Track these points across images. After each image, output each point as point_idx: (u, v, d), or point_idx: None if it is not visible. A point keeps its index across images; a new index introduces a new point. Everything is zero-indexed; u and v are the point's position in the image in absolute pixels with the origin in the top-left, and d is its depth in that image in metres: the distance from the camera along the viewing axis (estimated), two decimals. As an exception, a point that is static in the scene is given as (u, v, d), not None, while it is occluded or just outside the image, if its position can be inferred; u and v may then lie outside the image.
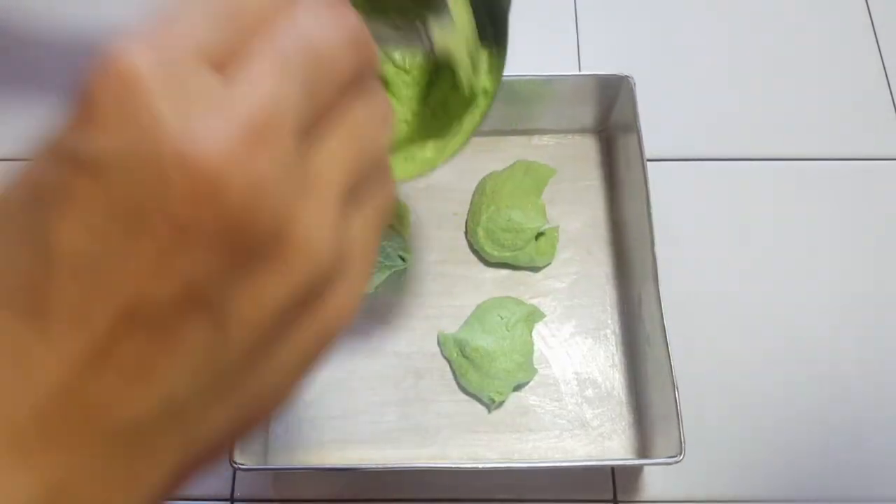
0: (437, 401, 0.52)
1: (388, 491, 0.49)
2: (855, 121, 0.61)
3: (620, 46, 0.64)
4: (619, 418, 0.51)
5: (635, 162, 0.52)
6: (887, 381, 0.52)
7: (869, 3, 0.66)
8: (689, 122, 0.61)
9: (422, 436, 0.50)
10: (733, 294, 0.55)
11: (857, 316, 0.54)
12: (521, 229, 0.53)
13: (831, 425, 0.51)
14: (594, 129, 0.60)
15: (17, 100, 0.61)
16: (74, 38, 0.62)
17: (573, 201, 0.58)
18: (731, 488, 0.50)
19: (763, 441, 0.51)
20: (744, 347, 0.53)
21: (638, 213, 0.51)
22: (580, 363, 0.53)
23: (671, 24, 0.65)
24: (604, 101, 0.57)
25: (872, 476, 0.50)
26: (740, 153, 0.60)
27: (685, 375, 0.46)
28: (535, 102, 0.56)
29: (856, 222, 0.57)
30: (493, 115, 0.57)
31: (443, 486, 0.49)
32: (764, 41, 0.65)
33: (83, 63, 0.15)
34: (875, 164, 0.60)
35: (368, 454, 0.50)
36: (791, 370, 0.53)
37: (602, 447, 0.50)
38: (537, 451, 0.50)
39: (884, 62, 0.63)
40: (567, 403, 0.51)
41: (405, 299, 0.54)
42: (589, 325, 0.54)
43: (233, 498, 0.49)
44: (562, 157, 0.59)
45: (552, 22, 0.65)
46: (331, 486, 0.49)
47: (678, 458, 0.43)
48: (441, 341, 0.53)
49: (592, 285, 0.55)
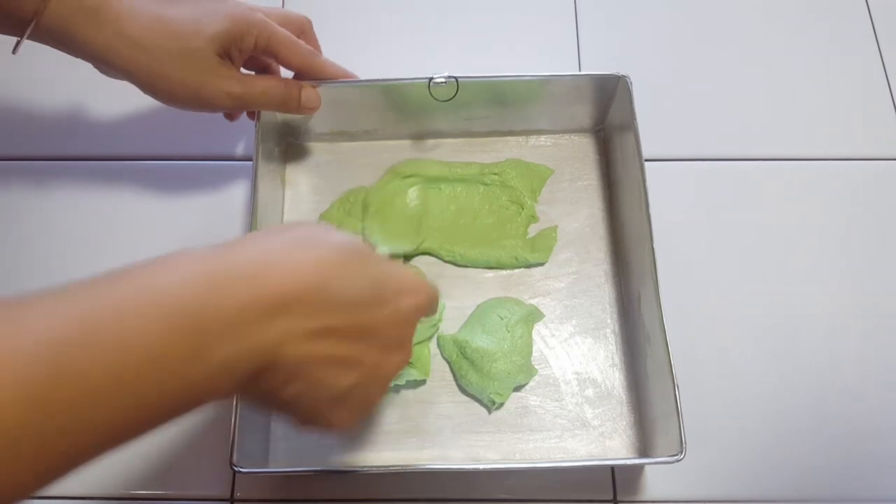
0: (438, 402, 0.51)
1: (389, 492, 0.49)
2: (855, 121, 0.61)
3: (621, 46, 0.64)
4: (619, 417, 0.51)
5: (633, 161, 0.52)
6: (888, 379, 0.52)
7: (869, 4, 0.66)
8: (688, 121, 0.61)
9: (422, 437, 0.50)
10: (733, 292, 0.55)
11: (857, 315, 0.54)
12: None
13: (831, 424, 0.51)
14: (592, 128, 0.60)
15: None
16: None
17: (571, 201, 0.58)
18: (731, 488, 0.50)
19: (763, 440, 0.51)
20: (744, 346, 0.53)
21: (636, 212, 0.51)
22: (580, 363, 0.52)
23: (671, 24, 0.66)
24: (601, 100, 0.57)
25: (872, 476, 0.50)
26: (739, 153, 0.60)
27: (685, 374, 0.46)
28: (532, 103, 0.56)
29: (856, 222, 0.57)
30: (490, 117, 0.58)
31: (444, 487, 0.49)
32: (763, 41, 0.65)
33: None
34: (875, 164, 0.59)
35: (368, 456, 0.50)
36: (791, 369, 0.53)
37: (603, 447, 0.50)
38: (538, 452, 0.50)
39: (884, 62, 0.63)
40: (567, 403, 0.51)
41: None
42: (589, 325, 0.54)
43: (233, 498, 0.49)
44: (559, 157, 0.59)
45: (553, 23, 0.65)
46: (331, 487, 0.49)
47: (679, 456, 0.43)
48: (440, 343, 0.53)
49: (592, 285, 0.55)
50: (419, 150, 0.59)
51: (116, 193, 0.58)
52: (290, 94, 0.52)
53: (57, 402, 0.24)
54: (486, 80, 0.54)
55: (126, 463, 0.50)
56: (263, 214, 0.52)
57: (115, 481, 0.49)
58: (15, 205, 0.58)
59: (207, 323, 0.27)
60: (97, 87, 0.55)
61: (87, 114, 0.61)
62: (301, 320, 0.29)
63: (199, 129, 0.60)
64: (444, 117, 0.57)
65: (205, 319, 0.26)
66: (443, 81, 0.54)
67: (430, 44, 0.64)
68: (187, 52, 0.46)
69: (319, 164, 0.59)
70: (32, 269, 0.56)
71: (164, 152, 0.60)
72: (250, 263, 0.29)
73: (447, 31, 0.65)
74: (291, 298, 0.29)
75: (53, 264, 0.56)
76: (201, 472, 0.49)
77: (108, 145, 0.60)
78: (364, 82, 0.55)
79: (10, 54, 0.46)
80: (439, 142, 0.60)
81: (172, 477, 0.50)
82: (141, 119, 0.61)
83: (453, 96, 0.54)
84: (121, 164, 0.59)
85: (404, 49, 0.64)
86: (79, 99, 0.61)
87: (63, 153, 0.59)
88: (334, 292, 0.31)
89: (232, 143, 0.60)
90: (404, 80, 0.54)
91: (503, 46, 0.64)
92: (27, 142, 0.60)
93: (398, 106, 0.56)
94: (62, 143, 0.60)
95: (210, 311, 0.27)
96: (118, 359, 0.25)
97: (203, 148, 0.60)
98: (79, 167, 0.59)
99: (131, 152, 0.60)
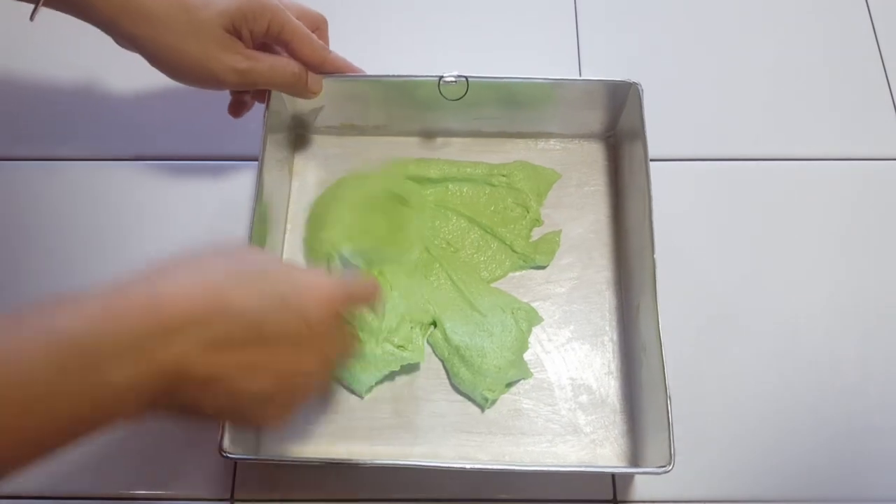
0: (431, 400, 0.52)
1: (381, 489, 0.49)
2: (855, 121, 0.61)
3: (621, 50, 0.64)
4: (612, 426, 0.51)
5: (639, 168, 0.52)
6: (888, 379, 0.52)
7: (869, 4, 0.65)
8: (687, 121, 0.61)
9: (414, 434, 0.51)
10: (734, 292, 0.55)
11: (857, 321, 0.54)
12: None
13: (831, 424, 0.51)
14: (602, 134, 0.59)
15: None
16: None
17: (577, 206, 0.58)
18: (731, 488, 0.50)
19: (763, 441, 0.51)
20: (743, 345, 0.53)
21: (640, 220, 0.51)
22: (576, 369, 0.52)
23: (671, 26, 0.65)
24: (612, 106, 0.56)
25: (872, 476, 0.50)
26: (739, 153, 0.60)
27: (682, 382, 0.46)
28: (542, 106, 0.56)
29: (856, 222, 0.57)
30: (500, 118, 0.58)
31: (434, 484, 0.49)
32: (764, 43, 0.64)
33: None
34: (875, 164, 0.59)
35: (361, 450, 0.50)
36: (791, 369, 0.53)
37: (594, 454, 0.50)
38: (529, 455, 0.50)
39: (884, 62, 0.63)
40: (561, 408, 0.51)
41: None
42: (587, 331, 0.54)
43: (233, 498, 0.50)
44: (568, 161, 0.59)
45: (552, 25, 0.65)
46: (326, 483, 0.50)
47: (667, 468, 0.43)
48: (430, 341, 0.53)
49: (592, 291, 0.55)
50: (427, 147, 0.59)
51: (121, 193, 0.59)
52: (299, 74, 0.52)
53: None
54: (496, 80, 0.54)
55: (125, 462, 0.50)
56: (270, 203, 0.52)
57: (114, 481, 0.50)
58: (18, 205, 0.58)
59: (105, 348, 0.30)
60: (99, 88, 0.55)
61: (90, 115, 0.61)
62: (196, 335, 0.32)
63: (211, 128, 0.60)
64: (454, 116, 0.57)
65: (101, 346, 0.30)
66: (453, 80, 0.54)
67: (434, 41, 0.65)
68: (195, 24, 0.47)
69: (328, 156, 0.60)
70: (36, 270, 0.56)
71: (174, 152, 0.60)
72: (145, 295, 0.32)
73: (451, 29, 0.65)
74: (184, 320, 0.32)
75: (57, 264, 0.56)
76: (201, 472, 0.50)
77: (116, 146, 0.60)
78: (375, 77, 0.55)
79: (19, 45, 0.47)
80: (448, 140, 0.60)
81: (171, 477, 0.50)
82: (150, 119, 0.61)
83: (462, 96, 0.54)
84: (126, 164, 0.60)
85: (410, 46, 0.64)
86: (82, 100, 0.62)
87: (71, 155, 0.60)
88: (229, 307, 0.33)
89: (244, 144, 0.60)
90: (414, 77, 0.54)
91: (504, 46, 0.64)
92: (37, 142, 0.60)
93: (407, 103, 0.56)
94: (68, 144, 0.60)
95: (107, 338, 0.30)
96: (15, 395, 0.28)
97: (215, 148, 0.60)
98: (89, 167, 0.59)
99: (139, 153, 0.60)
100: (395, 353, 0.51)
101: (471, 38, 0.65)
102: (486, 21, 0.65)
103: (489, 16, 0.66)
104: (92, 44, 0.51)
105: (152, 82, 0.61)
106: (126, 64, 0.52)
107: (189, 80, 0.50)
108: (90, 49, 0.62)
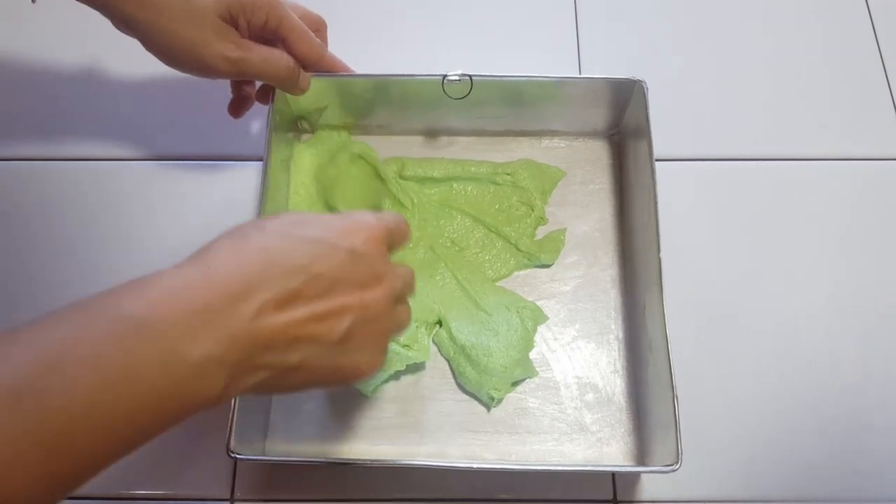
0: (437, 399, 0.52)
1: (387, 489, 0.49)
2: (855, 121, 0.61)
3: (620, 50, 0.64)
4: (618, 424, 0.51)
5: (644, 166, 0.52)
6: (888, 379, 0.52)
7: (869, 4, 0.65)
8: (688, 121, 0.61)
9: (420, 433, 0.51)
10: (736, 292, 0.55)
11: (859, 320, 0.54)
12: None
13: (831, 424, 0.51)
14: (606, 132, 0.59)
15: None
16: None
17: (582, 204, 0.57)
18: (732, 488, 0.50)
19: (765, 441, 0.51)
20: (747, 345, 0.53)
21: (645, 219, 0.51)
22: (582, 367, 0.52)
23: (670, 26, 0.65)
24: (616, 104, 0.56)
25: (872, 476, 0.50)
26: (738, 153, 0.60)
27: (682, 382, 0.46)
28: (546, 104, 0.56)
29: (856, 222, 0.57)
30: (504, 116, 0.58)
31: (441, 484, 0.49)
32: (765, 43, 0.64)
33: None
34: (875, 164, 0.59)
35: (367, 449, 0.50)
36: (791, 369, 0.53)
37: (600, 452, 0.50)
38: (535, 454, 0.50)
39: (884, 62, 0.63)
40: (567, 407, 0.51)
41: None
42: (592, 330, 0.53)
43: (233, 498, 0.50)
44: (572, 159, 0.59)
45: (552, 24, 0.65)
46: (329, 483, 0.50)
47: (674, 466, 0.43)
48: (436, 340, 0.53)
49: (598, 289, 0.55)
50: (432, 146, 0.59)
51: (124, 194, 0.59)
52: (293, 68, 0.52)
53: (45, 431, 0.27)
54: (500, 79, 0.54)
55: (126, 462, 0.49)
56: (274, 198, 0.52)
57: (114, 481, 0.50)
58: (19, 205, 0.58)
59: (176, 327, 0.30)
60: (101, 88, 0.55)
61: (91, 115, 0.61)
62: (260, 297, 0.32)
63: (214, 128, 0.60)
64: (457, 115, 0.57)
65: (172, 326, 0.30)
66: (456, 79, 0.54)
67: (436, 40, 0.64)
68: (190, 9, 0.47)
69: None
70: (36, 270, 0.56)
71: (177, 152, 0.60)
72: (200, 272, 0.32)
73: (453, 28, 0.65)
74: (244, 285, 0.32)
75: (58, 264, 0.56)
76: (201, 472, 0.50)
77: (121, 146, 0.60)
78: (378, 76, 0.55)
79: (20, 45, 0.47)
80: (452, 139, 0.59)
81: (172, 476, 0.50)
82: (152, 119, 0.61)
83: (466, 94, 0.54)
84: (127, 164, 0.60)
85: (412, 45, 0.64)
86: (83, 100, 0.62)
87: (73, 155, 0.60)
88: (283, 263, 0.33)
89: (247, 144, 0.60)
90: (417, 76, 0.54)
91: (506, 45, 0.64)
92: (38, 142, 0.60)
93: (411, 102, 0.56)
94: (71, 144, 0.60)
95: (176, 317, 0.30)
96: (92, 380, 0.28)
97: (218, 148, 0.60)
98: (90, 167, 0.59)
99: (142, 153, 0.60)
100: (401, 352, 0.51)
101: (473, 37, 0.64)
102: (487, 20, 0.65)
103: (490, 14, 0.66)
104: (93, 44, 0.51)
105: (155, 82, 0.61)
106: (128, 64, 0.52)
107: (182, 65, 0.50)
108: (91, 49, 0.62)
